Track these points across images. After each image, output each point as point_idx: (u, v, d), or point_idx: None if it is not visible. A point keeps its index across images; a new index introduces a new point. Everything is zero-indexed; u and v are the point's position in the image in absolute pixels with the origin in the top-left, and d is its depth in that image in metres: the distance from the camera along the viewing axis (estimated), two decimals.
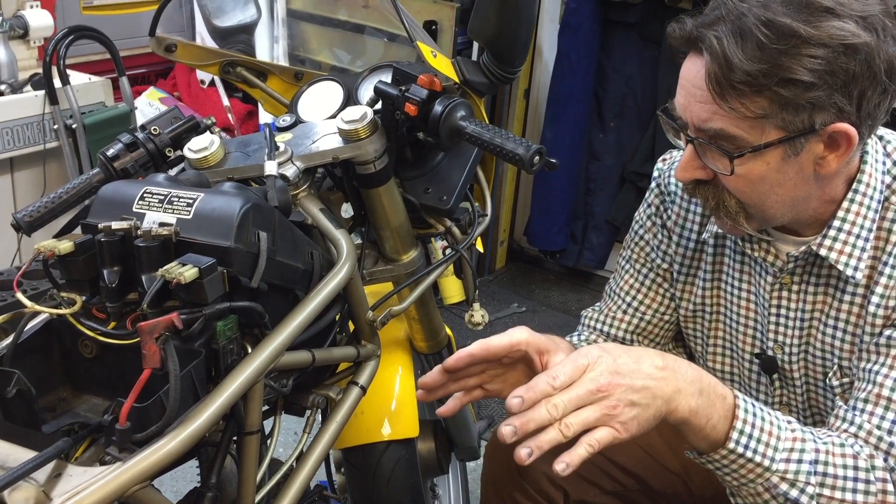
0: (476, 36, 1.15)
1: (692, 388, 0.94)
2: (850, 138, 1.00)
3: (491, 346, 0.99)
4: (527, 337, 1.01)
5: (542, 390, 0.87)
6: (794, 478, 0.98)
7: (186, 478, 1.98)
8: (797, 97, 0.96)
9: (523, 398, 0.87)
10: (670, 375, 0.94)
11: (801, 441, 0.99)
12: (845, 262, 1.09)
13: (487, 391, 1.08)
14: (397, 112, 1.11)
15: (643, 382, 0.91)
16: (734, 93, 0.98)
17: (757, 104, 0.98)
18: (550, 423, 0.86)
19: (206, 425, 0.80)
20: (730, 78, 0.97)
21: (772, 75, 0.96)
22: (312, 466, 1.04)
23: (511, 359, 1.04)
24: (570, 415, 0.87)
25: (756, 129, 1.00)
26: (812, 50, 0.95)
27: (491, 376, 1.07)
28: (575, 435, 0.87)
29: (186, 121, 1.17)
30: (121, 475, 0.74)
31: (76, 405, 0.93)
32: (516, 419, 0.87)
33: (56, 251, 0.88)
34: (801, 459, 0.98)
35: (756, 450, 0.97)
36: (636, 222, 1.34)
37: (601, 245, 3.53)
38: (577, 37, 3.25)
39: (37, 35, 2.56)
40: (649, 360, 0.94)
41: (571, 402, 0.87)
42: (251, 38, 1.40)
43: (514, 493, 1.33)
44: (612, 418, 0.89)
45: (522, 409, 0.87)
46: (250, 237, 0.89)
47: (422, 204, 1.22)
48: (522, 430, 0.86)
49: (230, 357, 0.88)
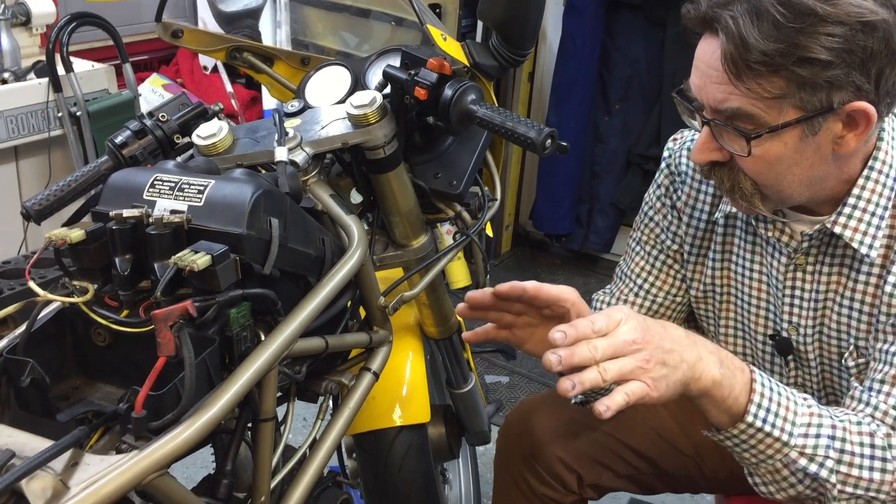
0: (485, 18, 1.14)
1: (714, 358, 0.96)
2: (868, 117, 0.99)
3: (542, 290, 1.04)
4: (574, 298, 1.05)
5: (584, 331, 0.90)
6: (812, 452, 0.98)
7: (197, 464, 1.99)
8: (815, 76, 0.95)
9: (566, 333, 0.89)
10: (693, 344, 0.96)
11: (818, 416, 0.99)
12: (860, 241, 1.08)
13: (515, 336, 1.11)
14: (407, 96, 1.10)
15: (671, 345, 0.93)
16: (750, 73, 0.97)
17: (774, 84, 0.97)
18: (591, 362, 0.88)
19: (221, 413, 0.80)
20: (746, 58, 0.96)
21: (789, 54, 0.94)
22: (326, 453, 1.04)
23: (552, 312, 1.06)
24: (608, 361, 0.89)
25: (773, 109, 0.99)
26: (829, 28, 0.93)
27: (525, 322, 1.10)
28: (612, 381, 0.90)
29: (194, 107, 1.16)
30: (138, 463, 0.74)
31: (90, 393, 0.93)
32: (562, 349, 0.89)
33: (67, 239, 0.87)
34: (819, 434, 0.98)
35: (774, 424, 0.97)
36: (646, 203, 1.33)
37: (607, 229, 3.52)
38: (582, 19, 3.23)
39: (39, 22, 2.55)
40: (673, 328, 0.97)
41: (609, 347, 0.90)
42: (257, 22, 1.39)
43: (528, 477, 1.34)
44: (644, 372, 0.90)
45: (566, 344, 0.89)
46: (262, 224, 0.89)
47: (431, 189, 1.22)
48: (567, 362, 0.88)
49: (244, 344, 0.88)
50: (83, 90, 2.47)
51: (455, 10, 2.88)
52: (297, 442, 1.08)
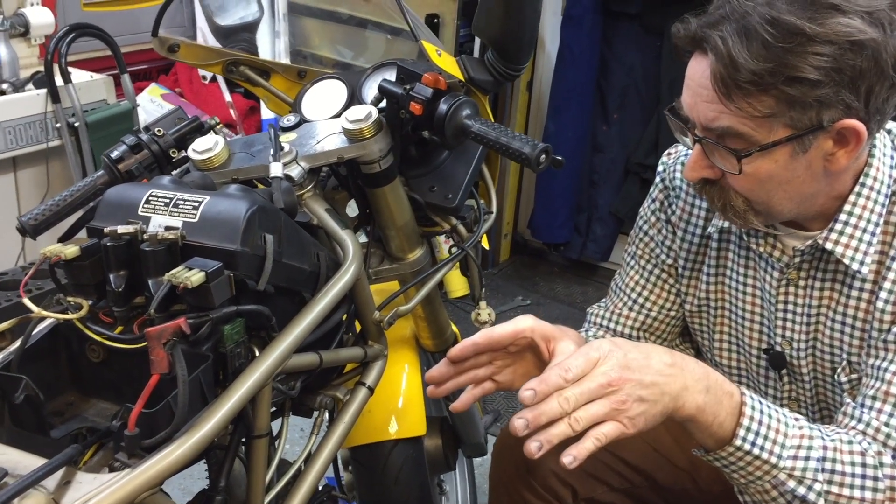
0: (480, 34, 1.14)
1: (699, 386, 0.95)
2: (859, 134, 0.99)
3: (494, 335, 1.00)
4: (531, 324, 1.01)
5: (555, 383, 0.88)
6: (801, 475, 0.97)
7: (194, 475, 1.98)
8: (804, 95, 0.96)
9: (536, 391, 0.87)
10: (678, 372, 0.94)
11: (808, 438, 0.99)
12: (851, 256, 1.08)
13: (498, 383, 1.08)
14: (402, 111, 1.10)
15: (652, 378, 0.91)
16: (740, 92, 0.97)
17: (763, 103, 0.97)
18: (561, 416, 0.87)
19: (214, 430, 0.80)
20: (735, 78, 0.96)
21: (778, 74, 0.95)
22: (321, 468, 1.04)
23: (517, 347, 1.04)
24: (580, 409, 0.88)
25: (763, 128, 0.99)
26: (818, 48, 0.94)
27: (500, 367, 1.07)
28: (584, 429, 0.88)
29: (190, 121, 1.16)
30: (130, 482, 0.74)
31: (84, 409, 0.93)
32: (528, 412, 0.87)
33: (62, 255, 0.87)
34: (809, 457, 0.98)
35: (763, 447, 0.97)
36: (640, 218, 1.33)
37: (605, 237, 3.53)
38: (580, 29, 3.24)
39: (38, 33, 2.55)
40: (658, 356, 0.94)
41: (583, 395, 0.88)
42: (254, 36, 1.40)
43: (523, 491, 1.33)
44: (620, 413, 0.89)
45: (535, 402, 0.87)
46: (256, 240, 0.89)
47: (427, 202, 1.22)
48: (535, 424, 0.87)
49: (238, 360, 0.88)
50: (82, 101, 2.48)
51: (453, 21, 2.89)
52: (295, 454, 1.08)
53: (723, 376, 0.99)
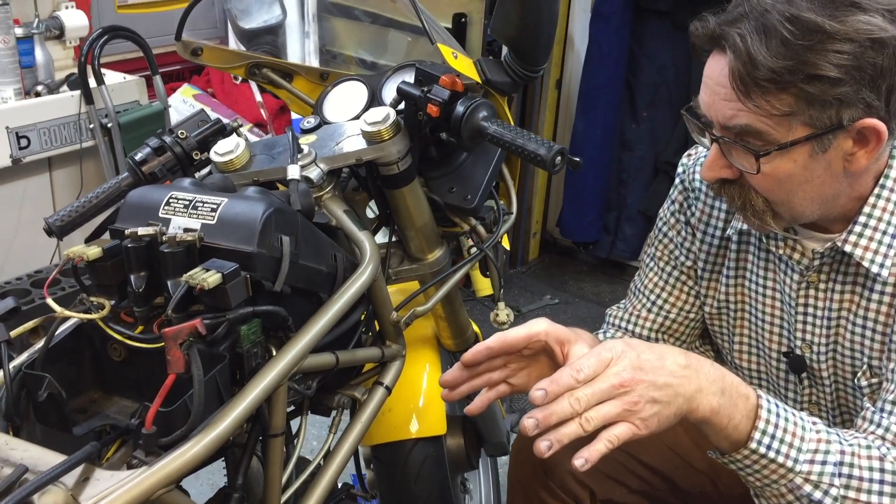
0: (498, 35, 1.14)
1: (714, 388, 0.94)
2: (879, 134, 0.98)
3: (508, 339, 0.99)
4: (545, 328, 1.00)
5: (566, 383, 0.88)
6: (818, 479, 0.96)
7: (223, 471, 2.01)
8: (824, 93, 0.95)
9: (546, 391, 0.87)
10: (693, 374, 0.93)
11: (825, 443, 0.98)
12: (871, 259, 1.07)
13: (513, 386, 1.07)
14: (420, 113, 1.11)
15: (665, 380, 0.91)
16: (759, 90, 0.96)
17: (783, 101, 0.96)
18: (572, 416, 0.86)
19: (230, 429, 0.82)
20: (754, 76, 0.95)
21: (797, 72, 0.94)
22: (338, 466, 1.05)
23: (532, 350, 1.03)
24: (592, 409, 0.87)
25: (782, 126, 0.98)
26: (838, 45, 0.93)
27: (514, 370, 1.06)
28: (595, 429, 0.87)
29: (213, 124, 1.18)
30: (146, 479, 0.76)
31: (106, 407, 0.95)
32: (539, 412, 0.87)
33: (85, 257, 0.89)
34: (826, 461, 0.97)
35: (779, 450, 0.96)
36: (660, 219, 1.33)
37: (634, 236, 3.50)
38: (609, 25, 3.21)
39: (72, 35, 2.60)
40: (672, 357, 0.93)
41: (594, 395, 0.87)
42: (277, 38, 1.41)
43: (540, 492, 1.33)
44: (632, 414, 0.89)
45: (546, 402, 0.87)
46: (273, 242, 0.90)
47: (446, 203, 1.22)
48: (545, 423, 0.86)
49: (254, 360, 0.89)
50: (114, 102, 2.52)
51: (480, 20, 2.89)
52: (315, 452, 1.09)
53: (739, 379, 0.97)
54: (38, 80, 2.50)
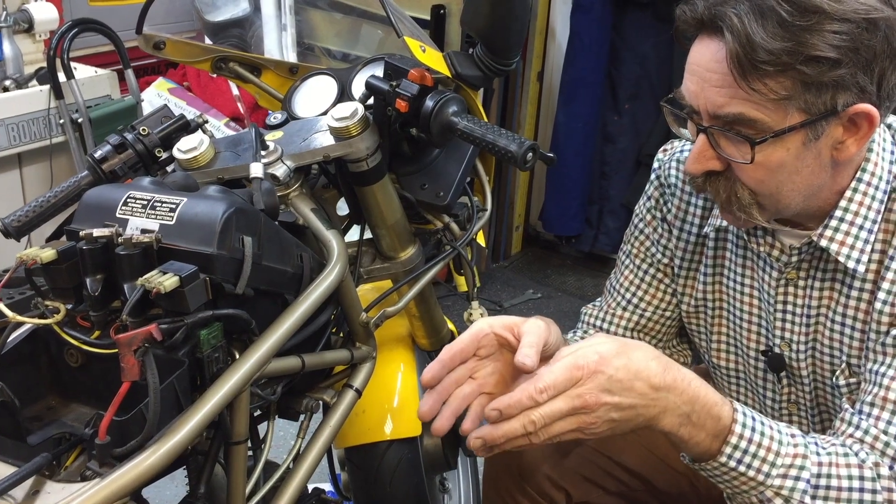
0: (468, 27, 1.12)
1: (681, 410, 0.92)
2: (871, 119, 0.96)
3: (455, 348, 0.96)
4: (487, 321, 0.98)
5: (524, 406, 0.85)
6: (788, 494, 0.95)
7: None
8: (821, 75, 0.92)
9: (501, 412, 0.85)
10: (662, 398, 0.90)
11: (801, 458, 0.96)
12: (847, 254, 1.05)
13: (491, 393, 1.00)
14: (389, 108, 1.08)
15: (631, 401, 0.88)
16: (757, 73, 0.93)
17: (780, 84, 0.94)
18: (523, 436, 0.85)
19: (188, 438, 0.79)
20: (752, 58, 0.92)
21: (796, 53, 0.91)
22: (307, 471, 1.03)
23: (489, 350, 0.99)
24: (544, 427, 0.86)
25: (778, 113, 0.96)
26: (836, 25, 0.91)
27: (484, 377, 1.01)
28: (540, 444, 0.86)
29: (176, 120, 1.15)
30: (100, 491, 0.73)
31: (64, 414, 0.92)
32: (486, 429, 0.86)
33: (38, 259, 0.86)
34: (799, 477, 0.95)
35: (750, 465, 0.94)
36: (636, 216, 1.30)
37: (617, 229, 3.48)
38: (590, 17, 3.19)
39: (42, 28, 2.54)
40: (647, 377, 0.90)
41: (552, 416, 0.86)
42: (245, 32, 1.38)
43: (515, 494, 1.31)
44: (583, 431, 0.87)
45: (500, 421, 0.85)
46: (234, 242, 0.88)
47: (418, 200, 1.20)
48: (490, 443, 0.86)
49: (216, 365, 0.87)
50: (85, 96, 2.47)
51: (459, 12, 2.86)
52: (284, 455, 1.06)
53: (716, 398, 0.94)
54: (6, 74, 2.44)
